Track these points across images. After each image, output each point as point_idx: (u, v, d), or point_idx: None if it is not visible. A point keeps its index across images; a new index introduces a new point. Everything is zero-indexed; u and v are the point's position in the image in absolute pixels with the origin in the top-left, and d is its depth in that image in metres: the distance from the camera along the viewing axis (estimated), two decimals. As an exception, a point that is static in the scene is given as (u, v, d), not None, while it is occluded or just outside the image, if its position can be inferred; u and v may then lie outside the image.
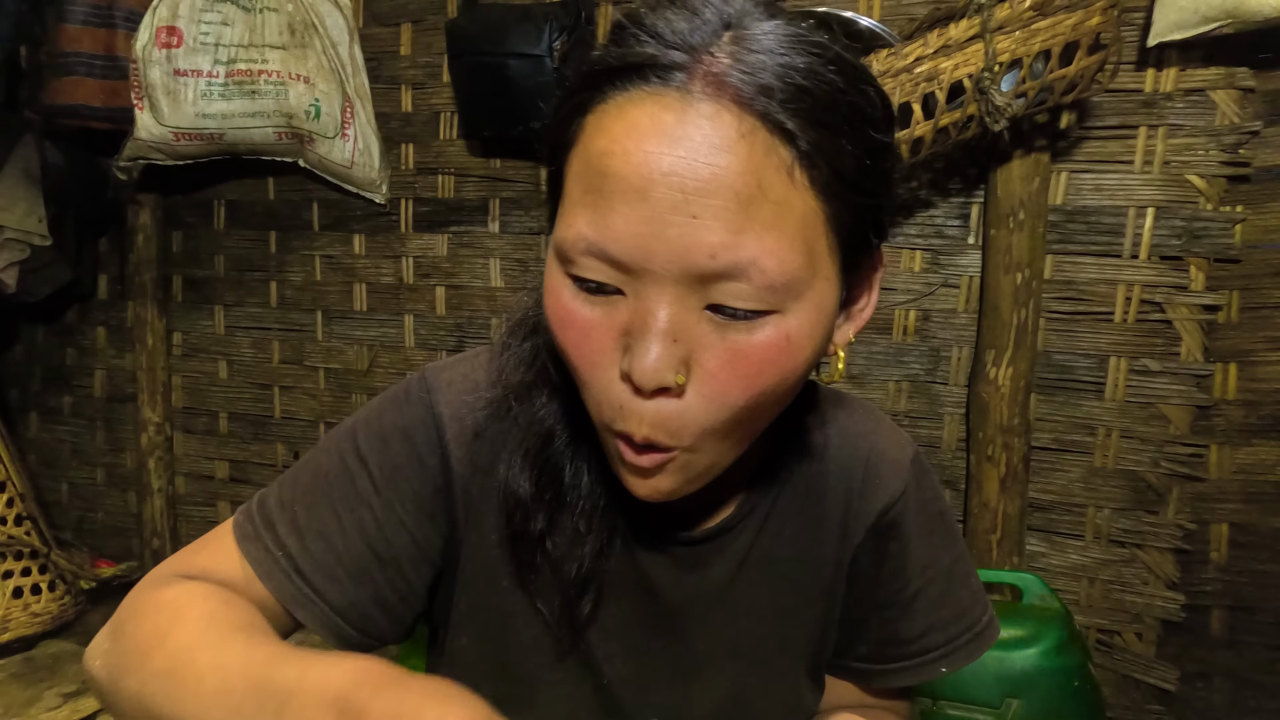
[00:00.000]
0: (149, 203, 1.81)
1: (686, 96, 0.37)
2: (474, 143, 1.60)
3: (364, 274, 1.71)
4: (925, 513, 0.56)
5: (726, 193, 0.36)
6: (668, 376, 0.38)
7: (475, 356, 0.54)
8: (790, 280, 0.38)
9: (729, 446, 0.43)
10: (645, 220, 0.36)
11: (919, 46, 1.08)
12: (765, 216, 0.36)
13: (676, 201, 0.36)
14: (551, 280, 0.42)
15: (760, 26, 0.38)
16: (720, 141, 0.36)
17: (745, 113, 0.36)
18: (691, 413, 0.39)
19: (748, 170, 0.36)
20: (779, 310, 0.38)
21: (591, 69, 0.40)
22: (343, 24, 1.56)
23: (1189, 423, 1.27)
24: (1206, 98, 1.22)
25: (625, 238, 0.37)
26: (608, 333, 0.40)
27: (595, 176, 0.38)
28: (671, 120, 0.36)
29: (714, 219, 0.36)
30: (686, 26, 0.38)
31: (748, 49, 0.37)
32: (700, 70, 0.37)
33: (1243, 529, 1.28)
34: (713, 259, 0.36)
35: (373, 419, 0.52)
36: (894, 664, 0.58)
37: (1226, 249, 1.23)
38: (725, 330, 0.38)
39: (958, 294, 1.37)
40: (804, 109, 0.37)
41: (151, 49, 1.48)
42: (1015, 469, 1.31)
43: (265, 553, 0.48)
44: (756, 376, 0.39)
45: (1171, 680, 1.28)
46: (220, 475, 1.87)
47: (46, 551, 1.62)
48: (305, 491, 0.50)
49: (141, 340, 1.85)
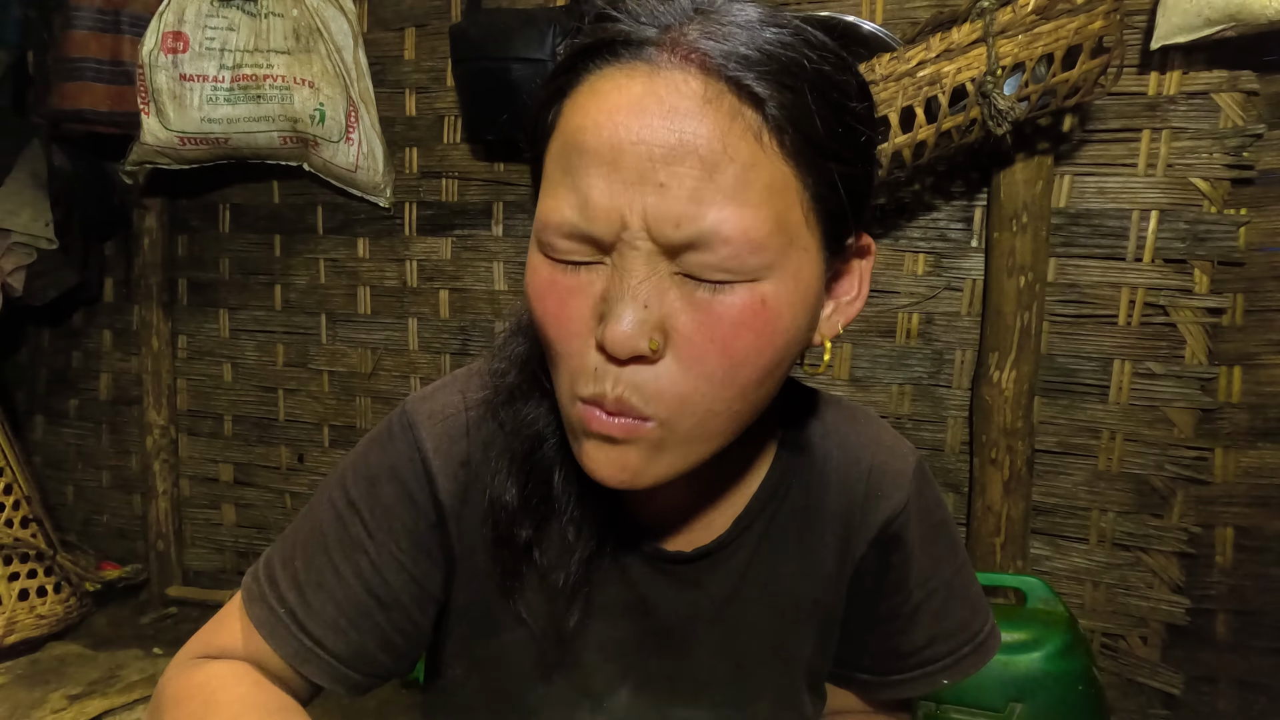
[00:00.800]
0: (155, 206, 1.82)
1: (654, 66, 0.37)
2: (477, 146, 1.60)
3: (368, 277, 1.72)
4: (927, 524, 0.55)
5: (692, 158, 0.36)
6: (641, 342, 0.37)
7: (453, 381, 0.53)
8: (757, 248, 0.37)
9: (706, 433, 0.41)
10: (615, 191, 0.37)
11: (921, 50, 1.08)
12: (729, 184, 0.36)
13: (645, 169, 0.36)
14: (531, 259, 0.42)
15: (730, 7, 0.39)
16: (686, 107, 0.36)
17: (711, 77, 0.36)
18: (668, 378, 0.38)
19: (713, 134, 0.36)
20: (753, 278, 0.38)
21: (567, 53, 0.40)
22: (347, 29, 1.57)
23: (1193, 426, 1.27)
24: (1210, 100, 1.22)
25: (599, 212, 0.37)
26: (585, 300, 0.39)
27: (572, 155, 0.38)
28: (639, 89, 0.37)
29: (679, 187, 0.36)
30: (657, 6, 0.39)
31: (717, 23, 0.38)
32: (669, 41, 0.37)
33: (1248, 533, 1.28)
34: (677, 229, 0.36)
35: (359, 463, 0.51)
36: (896, 675, 0.57)
37: (1230, 252, 1.23)
38: (698, 295, 0.38)
39: (961, 297, 1.37)
40: (772, 72, 0.37)
41: (158, 54, 1.49)
42: (1019, 472, 1.31)
43: (269, 612, 0.49)
44: (733, 340, 0.38)
45: (1177, 685, 1.28)
46: (225, 478, 1.88)
47: (52, 554, 1.63)
48: (303, 545, 0.50)
49: (147, 343, 1.86)
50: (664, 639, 0.52)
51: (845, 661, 0.58)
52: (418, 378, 1.70)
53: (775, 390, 0.43)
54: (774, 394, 0.43)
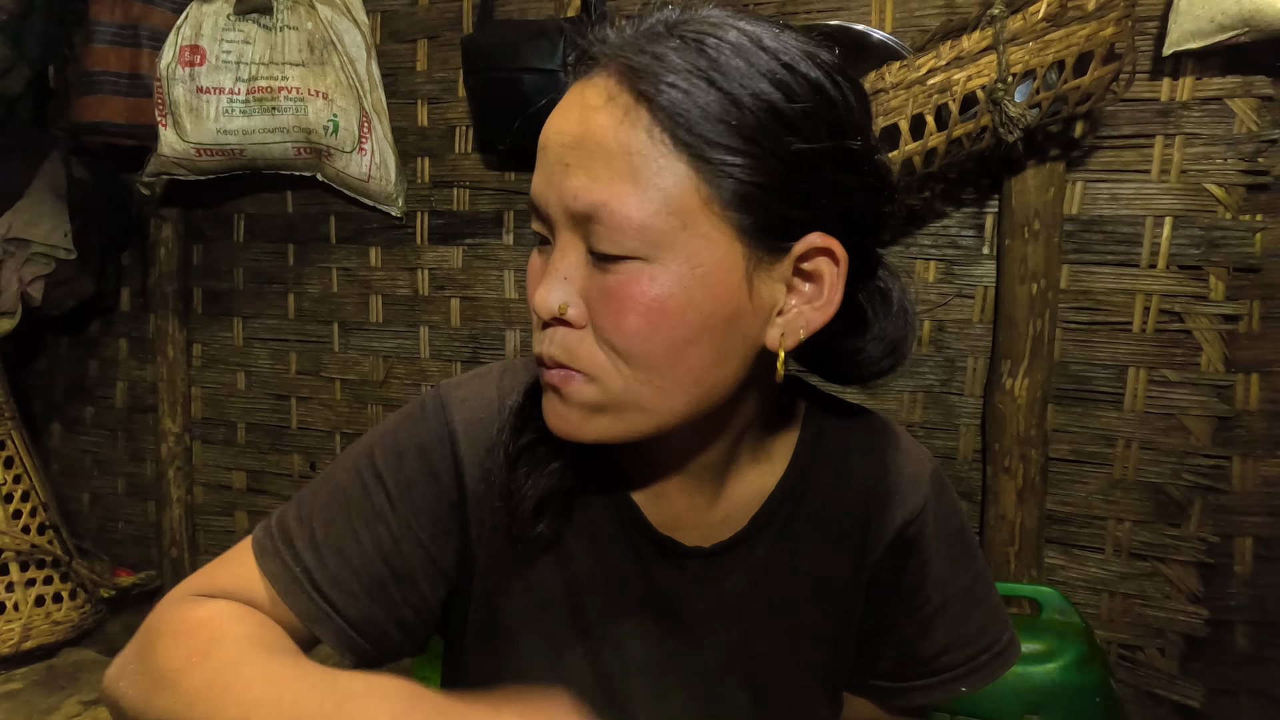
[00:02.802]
0: (171, 217, 1.84)
1: (590, 77, 0.44)
2: (489, 156, 1.61)
3: (380, 286, 1.73)
4: (945, 529, 0.55)
5: (590, 144, 0.42)
6: (553, 305, 0.43)
7: (488, 372, 0.55)
8: (641, 227, 0.41)
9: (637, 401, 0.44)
10: (546, 175, 0.44)
11: (931, 58, 1.08)
12: (620, 167, 0.41)
13: (560, 155, 0.43)
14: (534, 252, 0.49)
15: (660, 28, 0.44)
16: (592, 104, 0.42)
17: (619, 82, 0.42)
18: (587, 343, 0.44)
19: (609, 126, 0.41)
20: (642, 256, 0.42)
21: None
22: (360, 41, 1.59)
23: (1210, 434, 1.25)
24: (1224, 106, 1.21)
25: (537, 192, 0.45)
26: (540, 274, 0.46)
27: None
28: (572, 95, 0.44)
29: (578, 166, 0.42)
30: (627, 30, 0.45)
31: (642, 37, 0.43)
32: (608, 56, 0.43)
33: (1267, 542, 1.26)
34: (575, 199, 0.42)
35: (388, 436, 0.52)
36: (913, 682, 0.57)
37: (1246, 258, 1.22)
38: (600, 271, 0.43)
39: (973, 304, 1.37)
40: (668, 73, 0.41)
41: (175, 67, 1.51)
42: (1033, 480, 1.30)
43: (284, 569, 0.49)
44: (624, 314, 0.42)
45: (1196, 697, 1.26)
46: (238, 485, 1.89)
47: (68, 560, 1.64)
48: (323, 508, 0.51)
49: (162, 352, 1.88)
50: (682, 635, 0.53)
51: (863, 668, 0.58)
52: (429, 386, 1.71)
53: (719, 376, 0.44)
54: (723, 381, 0.44)
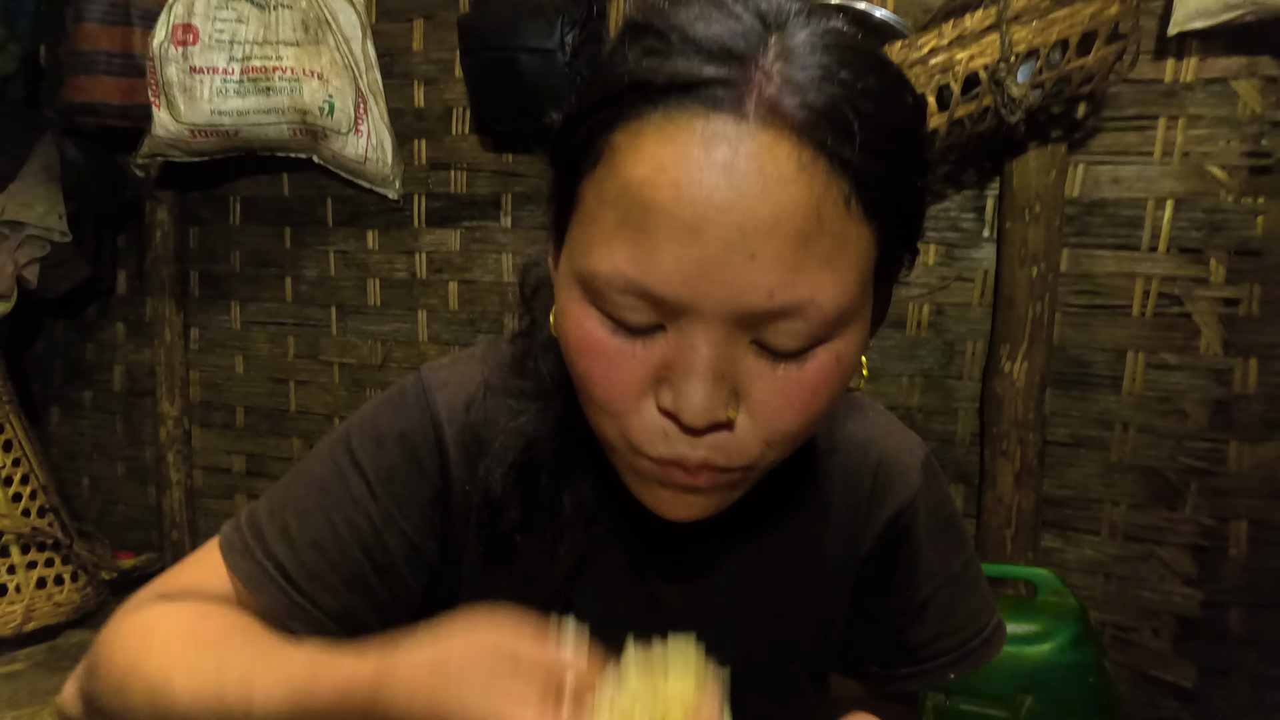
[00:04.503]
0: (166, 199, 1.83)
1: (741, 123, 0.34)
2: (486, 138, 1.60)
3: (377, 269, 1.72)
4: (935, 518, 0.55)
5: (787, 229, 0.34)
6: (719, 413, 0.37)
7: (471, 356, 0.53)
8: (845, 312, 0.37)
9: (772, 465, 0.42)
10: (697, 260, 0.34)
11: (933, 37, 1.07)
12: (822, 252, 0.35)
13: (733, 241, 0.34)
14: (573, 308, 0.39)
15: (801, 35, 0.36)
16: (780, 174, 0.33)
17: (804, 142, 0.34)
18: (746, 438, 0.38)
19: (808, 205, 0.34)
20: (826, 340, 0.37)
21: (623, 81, 0.36)
22: (355, 20, 1.57)
23: (1208, 417, 1.26)
24: (1228, 87, 1.20)
25: (674, 278, 0.34)
26: (642, 366, 0.37)
27: (636, 209, 0.35)
28: (727, 151, 0.33)
29: (773, 258, 0.34)
30: (725, 32, 0.35)
31: (796, 65, 0.35)
32: (752, 92, 0.34)
33: (1262, 525, 1.26)
34: (769, 299, 0.35)
35: (367, 423, 0.50)
36: (904, 669, 0.57)
37: (1247, 241, 1.21)
38: (775, 364, 0.37)
39: (972, 288, 1.36)
40: (862, 136, 0.35)
41: (168, 47, 1.49)
42: (1030, 464, 1.30)
43: (254, 564, 0.47)
44: (810, 403, 0.38)
45: (1189, 678, 1.27)
46: (237, 469, 1.89)
47: (69, 543, 1.65)
48: (297, 500, 0.49)
49: (159, 335, 1.87)
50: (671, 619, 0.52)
51: (853, 655, 0.58)
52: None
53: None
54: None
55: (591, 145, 0.37)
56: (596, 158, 0.37)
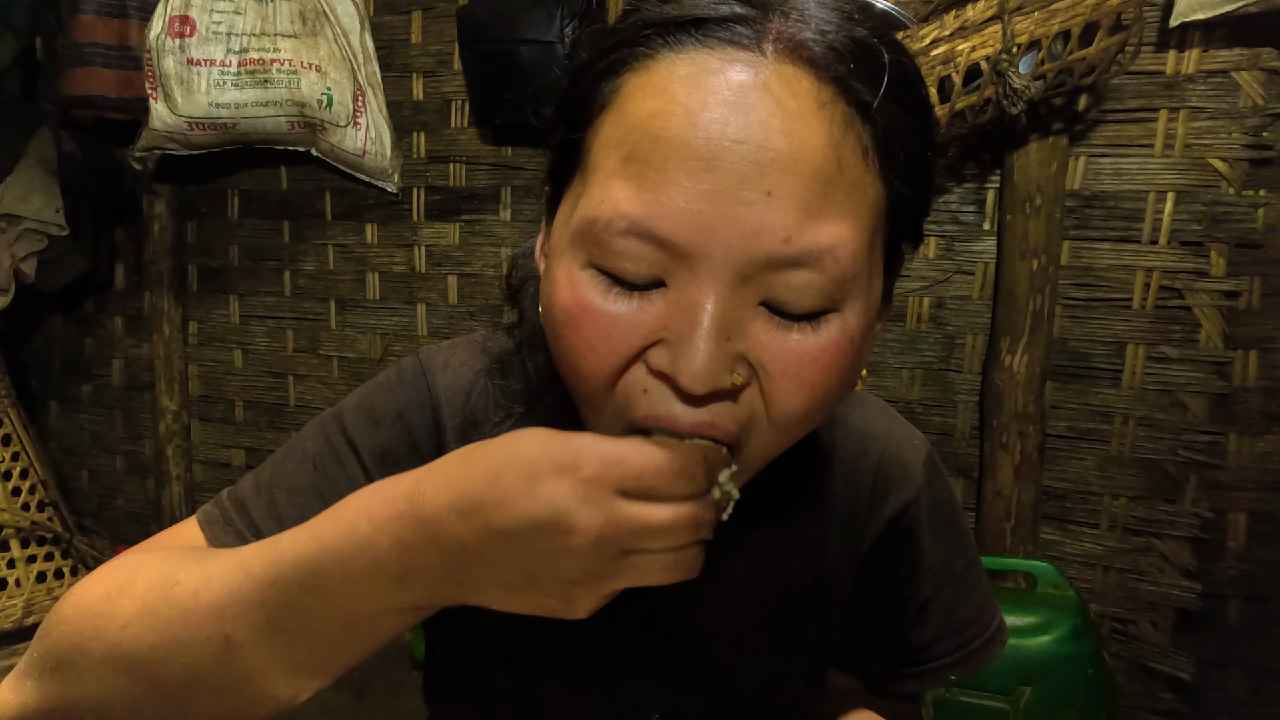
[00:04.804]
0: (164, 193, 1.82)
1: (758, 56, 0.32)
2: (485, 130, 1.59)
3: (376, 263, 1.72)
4: (938, 516, 0.54)
5: (806, 168, 0.31)
6: (723, 378, 0.33)
7: (471, 342, 0.52)
8: (857, 273, 0.34)
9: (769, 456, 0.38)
10: (709, 195, 0.31)
11: (935, 28, 1.06)
12: (841, 199, 0.32)
13: (748, 174, 0.31)
14: (563, 272, 0.35)
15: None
16: (800, 109, 0.31)
17: (824, 80, 0.32)
18: (750, 417, 0.35)
19: (828, 144, 0.32)
20: (837, 308, 0.34)
21: (635, 22, 0.34)
22: (354, 12, 1.56)
23: (1207, 410, 1.26)
24: (1230, 79, 1.19)
25: (682, 214, 0.32)
26: (633, 331, 0.34)
27: (643, 141, 0.32)
28: (745, 80, 0.31)
29: (790, 197, 0.31)
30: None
31: (813, 10, 0.34)
32: (770, 27, 0.32)
33: (1261, 518, 1.27)
34: (786, 243, 0.32)
35: (362, 403, 0.49)
36: (905, 669, 0.56)
37: (1248, 234, 1.21)
38: (786, 330, 0.34)
39: (973, 280, 1.36)
40: (880, 83, 0.33)
41: (165, 39, 1.49)
42: (1030, 457, 1.30)
43: (238, 538, 0.44)
44: (822, 383, 0.35)
45: (1187, 669, 1.27)
46: (236, 463, 1.89)
47: (69, 537, 1.65)
48: (286, 476, 0.47)
49: (158, 329, 1.87)
50: (670, 613, 0.52)
51: (854, 654, 0.58)
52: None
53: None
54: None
55: (598, 92, 0.35)
56: (603, 103, 0.35)
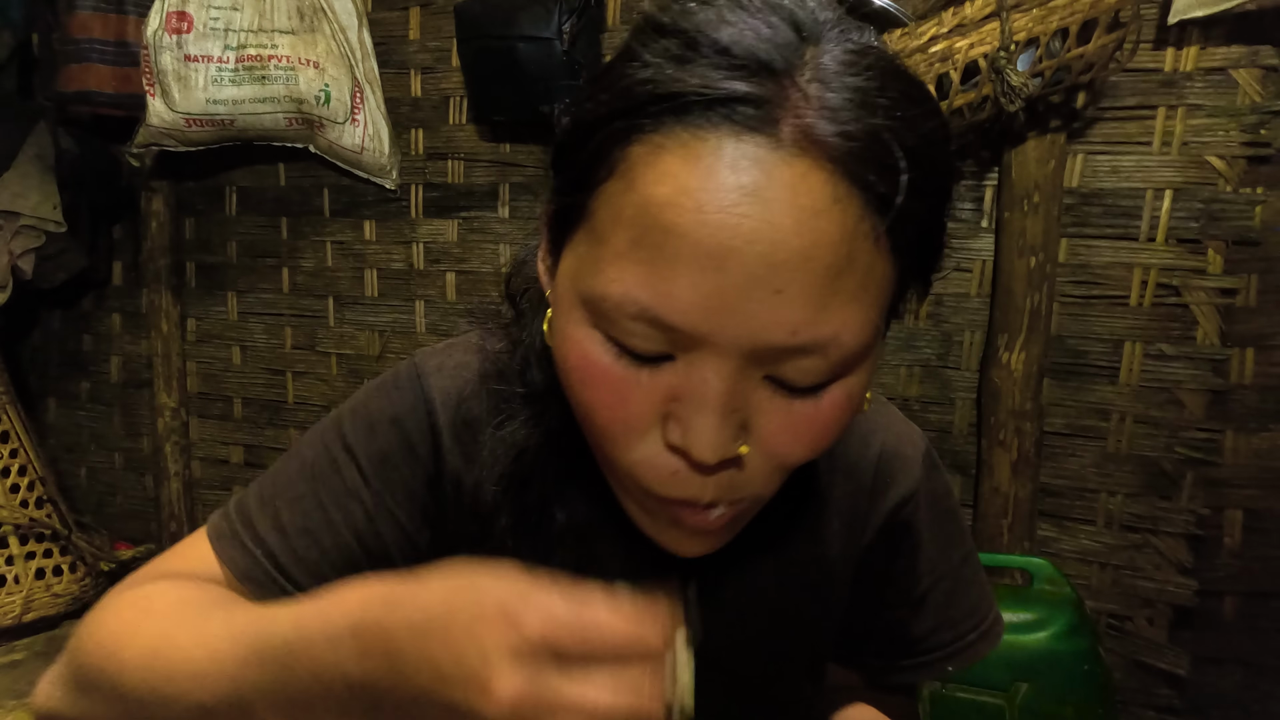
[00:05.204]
0: (162, 189, 1.82)
1: (774, 147, 0.31)
2: (483, 127, 1.59)
3: (375, 260, 1.71)
4: (936, 510, 0.55)
5: (816, 265, 0.32)
6: (730, 449, 0.35)
7: (467, 344, 0.52)
8: (866, 349, 0.36)
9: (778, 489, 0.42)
10: (718, 292, 0.32)
11: (933, 25, 1.06)
12: (850, 288, 0.33)
13: (759, 274, 0.31)
14: (575, 331, 0.36)
15: (837, 51, 0.34)
16: (814, 206, 0.31)
17: (839, 175, 0.32)
18: (754, 472, 0.38)
19: (840, 240, 0.32)
20: (841, 378, 0.36)
21: (644, 89, 0.33)
22: (351, 8, 1.56)
23: (1204, 408, 1.26)
24: (1228, 77, 1.19)
25: (691, 309, 0.32)
26: (648, 395, 0.35)
27: (655, 231, 0.32)
28: (758, 178, 0.31)
29: (800, 294, 0.32)
30: (758, 42, 0.33)
31: (833, 86, 0.33)
32: (787, 115, 0.32)
33: (1257, 515, 1.27)
34: (792, 336, 0.33)
35: (359, 408, 0.50)
36: (903, 661, 0.57)
37: (1245, 231, 1.21)
38: (789, 400, 0.36)
39: (970, 278, 1.36)
40: (897, 178, 0.33)
41: (162, 34, 1.48)
42: (1027, 454, 1.31)
43: (243, 552, 0.46)
44: (821, 437, 0.37)
45: (1183, 665, 1.28)
46: (235, 460, 1.89)
47: (67, 534, 1.65)
48: (288, 487, 0.48)
49: (156, 326, 1.87)
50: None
51: (852, 647, 0.58)
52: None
53: None
54: None
55: (605, 156, 0.35)
56: (610, 169, 0.35)
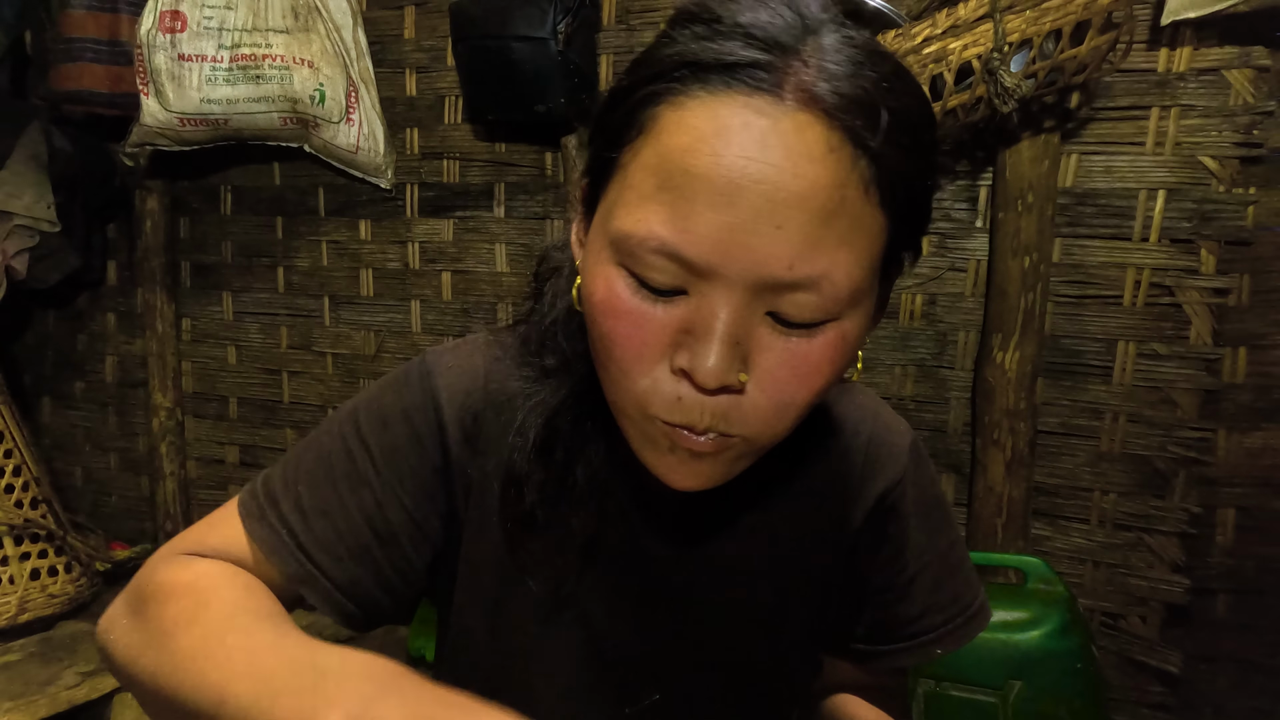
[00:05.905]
0: (156, 189, 1.81)
1: (778, 103, 0.37)
2: (479, 127, 1.59)
3: (370, 259, 1.71)
4: (923, 497, 0.57)
5: (812, 205, 0.37)
6: (731, 376, 0.39)
7: (474, 342, 0.55)
8: (855, 291, 0.39)
9: (775, 439, 0.44)
10: (729, 226, 0.37)
11: (927, 27, 1.07)
12: (841, 230, 0.38)
13: (763, 210, 0.36)
14: (602, 269, 0.41)
15: (834, 37, 0.39)
16: (811, 153, 0.37)
17: (834, 127, 0.37)
18: (752, 405, 0.41)
19: (833, 184, 0.37)
20: (836, 319, 0.40)
21: (673, 59, 0.39)
22: (346, 7, 1.56)
23: (1197, 407, 1.27)
24: (1221, 77, 1.20)
25: (705, 241, 0.37)
26: (663, 328, 0.40)
27: (676, 174, 0.38)
28: (765, 126, 0.37)
29: (796, 230, 0.37)
30: (770, 23, 0.39)
31: (831, 59, 0.38)
32: (790, 78, 0.37)
33: (1249, 513, 1.28)
34: (789, 270, 0.37)
35: (374, 402, 0.53)
36: (892, 645, 0.59)
37: (1238, 231, 1.21)
38: (786, 335, 0.40)
39: (965, 278, 1.37)
40: (886, 126, 0.38)
41: (155, 34, 1.48)
42: (1021, 453, 1.31)
43: (270, 531, 0.49)
44: (814, 376, 0.41)
45: (1175, 663, 1.29)
46: (230, 460, 1.89)
47: (62, 534, 1.65)
48: (308, 472, 0.51)
49: (151, 326, 1.86)
50: (667, 594, 0.54)
51: (841, 632, 0.60)
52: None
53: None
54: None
55: (636, 117, 0.40)
56: (640, 129, 0.40)
